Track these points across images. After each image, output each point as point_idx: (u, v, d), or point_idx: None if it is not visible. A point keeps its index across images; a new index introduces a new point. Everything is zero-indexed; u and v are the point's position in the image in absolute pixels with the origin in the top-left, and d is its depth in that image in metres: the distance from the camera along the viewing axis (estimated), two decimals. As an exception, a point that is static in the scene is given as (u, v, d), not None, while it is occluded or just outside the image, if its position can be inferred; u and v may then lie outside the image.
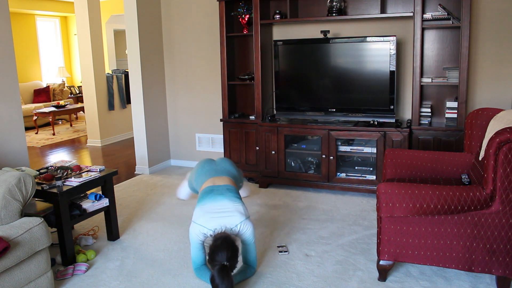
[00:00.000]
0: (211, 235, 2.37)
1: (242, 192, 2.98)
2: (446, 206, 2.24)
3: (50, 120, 7.66)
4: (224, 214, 2.42)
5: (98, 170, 3.05)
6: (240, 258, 2.43)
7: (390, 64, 3.75)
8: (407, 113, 4.13)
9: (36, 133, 7.90)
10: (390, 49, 3.73)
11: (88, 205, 2.96)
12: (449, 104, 3.77)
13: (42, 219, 2.39)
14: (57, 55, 10.43)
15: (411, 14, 3.66)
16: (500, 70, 3.77)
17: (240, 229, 2.40)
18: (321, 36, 4.02)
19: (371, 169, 3.98)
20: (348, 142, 4.04)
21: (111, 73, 7.32)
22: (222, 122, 4.56)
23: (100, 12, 6.60)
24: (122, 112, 7.14)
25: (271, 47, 4.37)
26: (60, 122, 9.03)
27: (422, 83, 3.76)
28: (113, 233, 3.16)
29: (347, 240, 3.05)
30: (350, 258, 2.81)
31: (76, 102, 9.77)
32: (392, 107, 3.81)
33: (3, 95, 3.26)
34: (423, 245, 2.37)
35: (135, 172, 5.03)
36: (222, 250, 2.21)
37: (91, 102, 6.62)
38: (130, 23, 4.71)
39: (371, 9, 4.03)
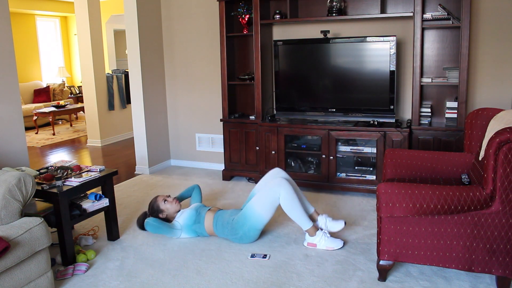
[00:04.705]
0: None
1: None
2: (446, 206, 2.24)
3: (50, 120, 7.66)
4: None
5: (98, 170, 3.05)
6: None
7: (390, 64, 3.75)
8: (407, 113, 4.13)
9: (36, 133, 7.90)
10: (390, 49, 3.73)
11: (88, 205, 2.96)
12: (449, 104, 3.77)
13: (42, 219, 2.39)
14: (57, 55, 10.43)
15: (411, 14, 3.66)
16: (500, 70, 3.77)
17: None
18: (321, 36, 4.02)
19: (371, 169, 3.98)
20: (348, 142, 4.04)
21: (111, 73, 7.32)
22: (222, 122, 4.56)
23: (100, 12, 6.60)
24: (122, 112, 7.14)
25: (271, 47, 4.37)
26: (60, 122, 9.03)
27: (422, 83, 3.76)
28: (113, 233, 3.16)
29: (347, 240, 3.05)
30: (350, 258, 2.81)
31: (76, 102, 9.76)
32: (392, 107, 3.81)
33: (3, 95, 3.26)
34: (423, 245, 2.37)
35: (135, 172, 5.03)
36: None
37: (91, 102, 6.62)
38: (130, 23, 4.72)
39: (371, 9, 4.03)
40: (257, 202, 2.97)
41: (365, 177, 3.95)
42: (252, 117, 4.42)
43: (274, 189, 2.94)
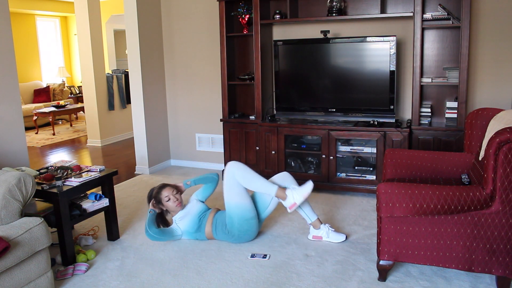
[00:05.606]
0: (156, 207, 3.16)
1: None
2: (446, 206, 2.24)
3: (50, 120, 7.66)
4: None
5: (98, 170, 3.05)
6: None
7: (390, 64, 3.75)
8: (407, 113, 4.13)
9: (36, 133, 7.90)
10: (390, 49, 3.73)
11: (88, 205, 2.96)
12: (449, 104, 3.77)
13: (42, 219, 2.39)
14: (57, 55, 10.43)
15: (411, 14, 3.66)
16: (500, 70, 3.77)
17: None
18: (321, 36, 4.02)
19: (371, 169, 3.98)
20: (348, 142, 4.04)
21: (111, 73, 7.32)
22: (222, 122, 4.56)
23: (100, 12, 6.60)
24: (122, 112, 7.14)
25: (271, 47, 4.37)
26: (60, 122, 9.03)
27: (422, 83, 3.76)
28: (113, 233, 3.16)
29: (347, 240, 3.05)
30: (350, 258, 2.81)
31: (76, 102, 9.76)
32: (392, 107, 3.81)
33: (3, 95, 3.26)
34: (423, 245, 2.37)
35: (135, 172, 5.04)
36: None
37: (91, 102, 6.62)
38: (130, 23, 4.71)
39: (371, 9, 4.03)
40: (227, 195, 2.99)
41: (365, 177, 3.95)
42: (252, 117, 4.42)
43: (228, 174, 2.97)
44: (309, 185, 2.95)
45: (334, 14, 3.97)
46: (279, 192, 2.94)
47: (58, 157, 6.01)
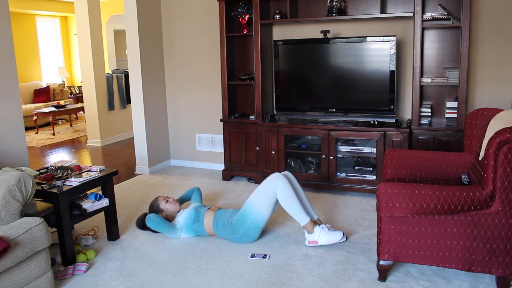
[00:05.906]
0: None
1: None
2: (446, 206, 2.24)
3: (50, 120, 7.66)
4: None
5: (98, 170, 3.05)
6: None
7: (390, 64, 3.75)
8: (407, 113, 4.13)
9: (36, 133, 7.90)
10: (390, 49, 3.73)
11: (88, 205, 2.96)
12: (449, 104, 3.77)
13: (42, 219, 2.39)
14: (57, 55, 10.43)
15: (411, 14, 3.67)
16: (500, 70, 3.77)
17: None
18: (321, 36, 4.02)
19: (371, 169, 3.98)
20: (348, 142, 4.04)
21: (111, 73, 7.32)
22: (222, 122, 4.56)
23: (100, 12, 6.60)
24: (122, 112, 7.14)
25: (271, 47, 4.37)
26: (60, 122, 9.03)
27: (422, 83, 3.76)
28: (113, 233, 3.16)
29: (347, 240, 3.05)
30: (350, 258, 2.81)
31: (76, 102, 9.76)
32: (392, 107, 3.81)
33: (3, 95, 3.26)
34: (423, 245, 2.37)
35: (135, 172, 5.03)
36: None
37: (91, 102, 6.62)
38: (130, 23, 4.72)
39: (371, 9, 4.03)
40: (255, 198, 2.98)
41: (365, 177, 3.95)
42: (252, 117, 4.42)
43: (271, 183, 2.95)
44: (338, 235, 2.94)
45: (334, 14, 3.97)
46: (309, 225, 2.95)
47: (58, 157, 6.01)
